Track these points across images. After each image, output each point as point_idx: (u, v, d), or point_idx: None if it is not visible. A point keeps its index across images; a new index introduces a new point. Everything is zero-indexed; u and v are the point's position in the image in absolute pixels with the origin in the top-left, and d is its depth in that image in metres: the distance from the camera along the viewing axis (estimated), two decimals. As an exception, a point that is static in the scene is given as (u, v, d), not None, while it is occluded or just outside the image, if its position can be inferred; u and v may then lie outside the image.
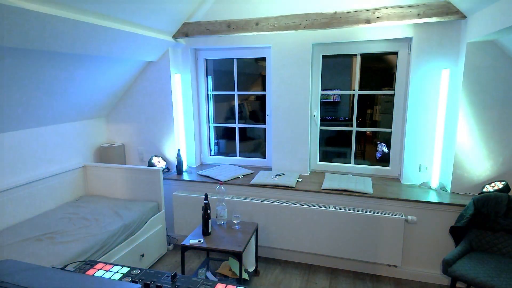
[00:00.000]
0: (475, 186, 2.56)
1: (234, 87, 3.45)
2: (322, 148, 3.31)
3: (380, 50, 2.89)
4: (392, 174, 3.05)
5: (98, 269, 1.31)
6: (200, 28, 3.02)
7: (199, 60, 3.43)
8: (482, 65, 2.40)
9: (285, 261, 2.99)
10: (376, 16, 2.55)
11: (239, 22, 2.91)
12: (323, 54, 3.02)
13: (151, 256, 2.89)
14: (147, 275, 1.29)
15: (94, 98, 3.05)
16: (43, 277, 1.06)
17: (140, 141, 3.45)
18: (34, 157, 2.73)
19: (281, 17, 2.81)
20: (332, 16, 2.67)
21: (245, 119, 3.68)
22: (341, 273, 2.81)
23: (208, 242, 2.39)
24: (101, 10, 2.19)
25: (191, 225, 3.05)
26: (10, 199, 2.50)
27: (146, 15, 2.57)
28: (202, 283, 1.23)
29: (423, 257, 2.64)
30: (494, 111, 2.44)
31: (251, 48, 3.21)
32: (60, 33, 2.06)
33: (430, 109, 2.70)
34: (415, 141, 2.78)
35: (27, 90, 2.33)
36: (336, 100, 5.05)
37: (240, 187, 2.99)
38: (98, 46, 2.43)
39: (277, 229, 2.86)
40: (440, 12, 2.42)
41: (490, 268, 2.04)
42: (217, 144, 3.83)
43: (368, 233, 2.62)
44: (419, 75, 2.67)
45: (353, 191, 2.69)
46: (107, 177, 3.12)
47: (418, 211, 2.57)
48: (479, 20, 2.21)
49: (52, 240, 2.25)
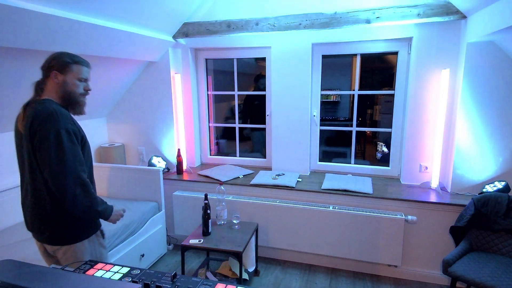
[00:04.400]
0: (475, 186, 2.56)
1: (234, 87, 3.45)
2: (322, 148, 3.31)
3: (380, 50, 2.88)
4: (392, 174, 3.05)
5: (98, 269, 1.31)
6: (200, 28, 3.02)
7: (199, 60, 3.43)
8: (482, 65, 2.40)
9: (285, 261, 2.99)
10: (376, 16, 2.55)
11: (239, 22, 2.91)
12: (323, 54, 3.01)
13: (151, 256, 2.89)
14: (147, 275, 1.29)
15: (94, 98, 3.05)
16: (43, 277, 1.06)
17: (140, 141, 3.45)
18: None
19: (281, 17, 2.81)
20: (332, 16, 2.67)
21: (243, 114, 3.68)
22: (341, 273, 2.81)
23: (208, 242, 2.39)
24: (101, 10, 2.19)
25: (191, 225, 3.05)
26: (10, 199, 2.50)
27: (146, 15, 2.57)
28: (202, 283, 1.23)
29: (423, 257, 2.64)
30: (494, 111, 2.43)
31: (251, 48, 3.21)
32: (60, 33, 2.06)
33: (430, 109, 2.70)
34: (415, 141, 2.78)
35: (27, 90, 2.33)
36: (336, 100, 5.06)
37: (240, 187, 2.99)
38: (98, 46, 2.43)
39: (277, 229, 2.86)
40: (440, 12, 2.42)
41: (490, 268, 2.04)
42: (217, 144, 3.83)
43: (368, 233, 2.62)
44: (419, 75, 2.67)
45: (353, 191, 2.69)
46: (107, 177, 3.12)
47: (418, 211, 2.57)
48: (479, 20, 2.21)
49: (52, 240, 2.25)
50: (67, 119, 1.47)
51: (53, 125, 1.41)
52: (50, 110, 1.44)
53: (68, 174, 1.41)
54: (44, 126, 1.41)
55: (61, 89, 1.53)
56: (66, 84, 1.53)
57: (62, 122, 1.43)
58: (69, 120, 1.48)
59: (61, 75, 1.52)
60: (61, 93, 1.54)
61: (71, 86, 1.54)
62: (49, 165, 1.40)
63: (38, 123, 1.41)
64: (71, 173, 1.42)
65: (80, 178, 1.45)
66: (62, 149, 1.40)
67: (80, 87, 1.58)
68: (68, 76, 1.53)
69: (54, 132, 1.40)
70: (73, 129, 1.47)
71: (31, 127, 1.43)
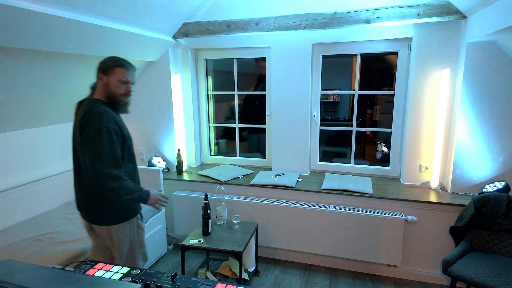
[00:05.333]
0: (475, 186, 2.56)
1: (234, 87, 3.45)
2: (322, 148, 3.31)
3: (380, 50, 2.88)
4: (392, 174, 3.05)
5: (98, 269, 1.31)
6: (200, 28, 3.02)
7: (199, 60, 3.43)
8: (482, 65, 2.39)
9: (285, 261, 2.99)
10: (376, 16, 2.55)
11: (239, 22, 2.91)
12: (323, 54, 3.01)
13: (151, 256, 2.88)
14: (147, 275, 1.29)
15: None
16: (43, 277, 1.06)
17: (140, 141, 3.45)
18: (35, 157, 2.73)
19: (281, 17, 2.80)
20: (332, 16, 2.67)
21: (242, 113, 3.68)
22: (341, 273, 2.81)
23: (208, 242, 2.39)
24: (101, 10, 2.19)
25: (191, 225, 3.05)
26: (10, 199, 2.50)
27: (146, 15, 2.57)
28: (202, 283, 1.23)
29: (423, 257, 2.64)
30: (494, 111, 2.43)
31: (251, 48, 3.21)
32: (59, 33, 2.06)
33: (430, 109, 2.69)
34: (415, 141, 2.78)
35: (27, 90, 2.33)
36: (336, 100, 5.05)
37: (240, 187, 2.99)
38: (98, 46, 2.43)
39: (277, 229, 2.86)
40: (440, 12, 2.42)
41: (490, 268, 2.04)
42: (217, 144, 3.83)
43: (368, 233, 2.62)
44: (419, 75, 2.67)
45: (353, 191, 2.69)
46: (107, 177, 3.12)
47: (418, 211, 2.57)
48: (479, 20, 2.21)
49: (52, 240, 2.25)
50: (110, 119, 1.64)
51: (97, 123, 1.59)
52: (97, 110, 1.64)
53: (102, 169, 1.58)
54: (90, 123, 1.60)
55: (105, 90, 1.73)
56: (109, 85, 1.72)
57: (104, 121, 1.60)
58: (111, 120, 1.64)
59: (105, 76, 1.72)
60: (106, 94, 1.73)
61: (113, 87, 1.72)
62: (89, 159, 1.60)
63: (86, 120, 1.61)
64: (105, 168, 1.58)
65: (113, 173, 1.60)
66: (100, 146, 1.58)
67: (121, 88, 1.73)
68: (110, 78, 1.72)
69: (96, 130, 1.58)
70: (114, 128, 1.64)
71: (81, 122, 1.63)
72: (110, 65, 1.72)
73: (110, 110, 1.69)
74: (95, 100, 1.71)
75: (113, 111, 1.73)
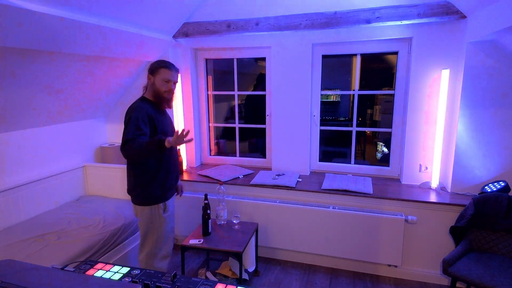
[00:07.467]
0: (475, 186, 2.56)
1: (234, 87, 3.44)
2: (322, 148, 3.31)
3: (380, 50, 2.88)
4: (392, 174, 3.05)
5: (98, 269, 1.31)
6: (200, 28, 3.02)
7: (199, 60, 3.43)
8: (482, 65, 2.39)
9: (285, 261, 2.99)
10: (376, 16, 2.55)
11: (239, 22, 2.91)
12: (323, 54, 3.01)
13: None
14: (147, 275, 1.29)
15: (94, 98, 3.05)
16: (43, 277, 1.06)
17: (140, 141, 3.44)
18: (34, 157, 2.73)
19: (281, 17, 2.80)
20: (332, 16, 2.67)
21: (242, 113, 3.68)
22: (341, 273, 2.81)
23: (208, 242, 2.39)
24: (101, 10, 2.19)
25: (191, 225, 3.05)
26: (10, 199, 2.50)
27: (146, 15, 2.57)
28: (202, 283, 1.23)
29: (423, 257, 2.64)
30: (494, 111, 2.43)
31: (251, 48, 3.21)
32: (60, 33, 2.06)
33: (430, 109, 2.69)
34: (415, 141, 2.78)
35: (27, 90, 2.33)
36: (336, 100, 5.05)
37: (240, 187, 2.99)
38: (98, 46, 2.43)
39: (277, 229, 2.86)
40: (440, 12, 2.42)
41: (490, 268, 2.04)
42: (217, 144, 3.83)
43: (368, 233, 2.62)
44: (419, 75, 2.67)
45: (353, 191, 2.69)
46: (107, 177, 3.12)
47: (418, 211, 2.57)
48: (479, 20, 2.21)
49: (52, 240, 2.25)
50: (140, 111, 1.94)
51: (129, 114, 1.95)
52: (134, 105, 2.01)
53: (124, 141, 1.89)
54: (126, 114, 1.98)
55: (152, 88, 2.06)
56: (155, 84, 2.04)
57: (134, 112, 1.93)
58: (140, 112, 1.94)
59: (152, 76, 2.05)
60: (152, 91, 2.06)
61: (157, 85, 2.04)
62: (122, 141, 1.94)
63: (126, 113, 1.99)
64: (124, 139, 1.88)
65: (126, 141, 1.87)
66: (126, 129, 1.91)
67: (164, 86, 2.04)
68: (156, 78, 2.04)
69: (127, 119, 1.94)
70: (142, 116, 1.93)
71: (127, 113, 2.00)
72: (156, 66, 2.03)
73: (144, 105, 1.99)
74: (138, 98, 2.07)
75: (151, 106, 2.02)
